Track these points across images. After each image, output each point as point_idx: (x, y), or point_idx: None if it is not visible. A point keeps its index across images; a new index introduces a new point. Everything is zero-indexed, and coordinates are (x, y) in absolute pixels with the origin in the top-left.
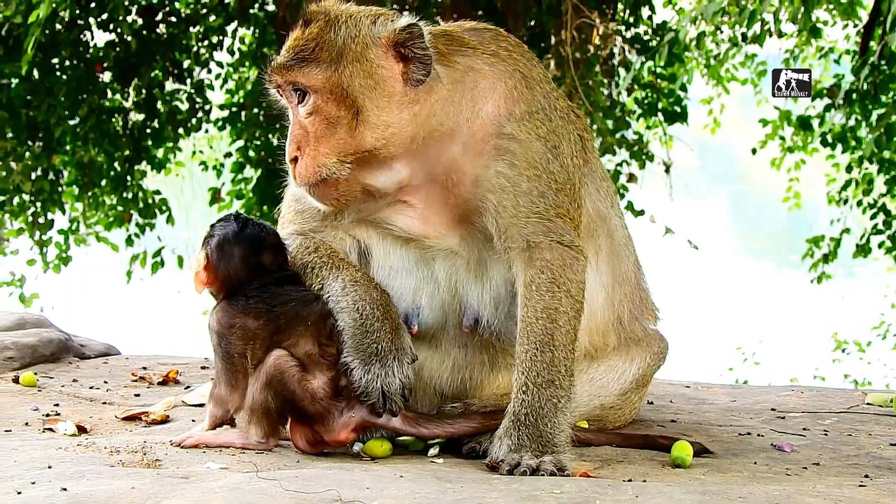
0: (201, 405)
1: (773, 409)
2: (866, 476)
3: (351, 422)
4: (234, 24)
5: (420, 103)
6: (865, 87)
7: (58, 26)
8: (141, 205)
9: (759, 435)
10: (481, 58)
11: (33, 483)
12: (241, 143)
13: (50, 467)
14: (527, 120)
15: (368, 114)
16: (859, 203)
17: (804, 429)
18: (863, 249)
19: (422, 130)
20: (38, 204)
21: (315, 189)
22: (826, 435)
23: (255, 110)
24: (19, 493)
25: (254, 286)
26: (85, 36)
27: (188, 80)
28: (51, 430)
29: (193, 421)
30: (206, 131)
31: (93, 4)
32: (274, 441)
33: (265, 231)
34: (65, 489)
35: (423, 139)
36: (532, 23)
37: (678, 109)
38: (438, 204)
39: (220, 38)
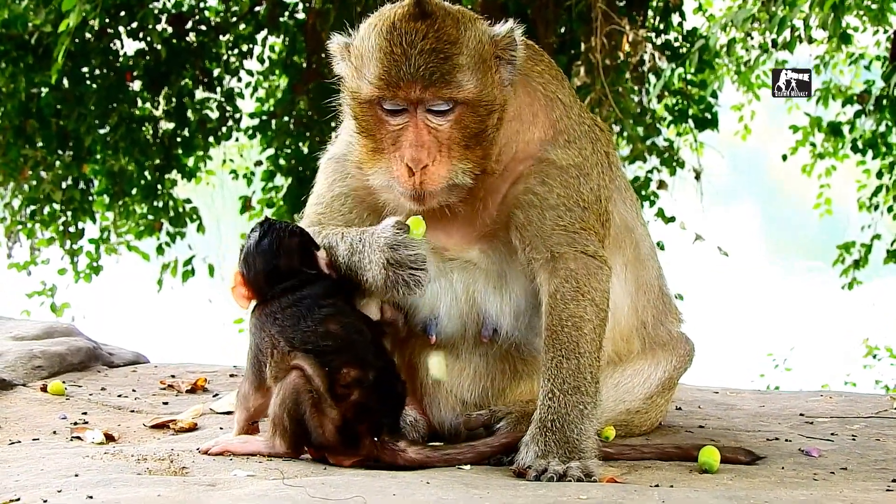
0: (229, 413)
1: (801, 415)
2: (894, 481)
3: (357, 454)
4: (263, 33)
5: (504, 120)
6: None
7: (87, 35)
8: (171, 213)
9: (786, 440)
10: (531, 75)
11: (59, 491)
12: (271, 151)
13: (76, 475)
14: (567, 148)
15: (498, 128)
16: (890, 209)
17: (832, 434)
18: (894, 255)
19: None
20: (69, 213)
21: (430, 195)
22: (854, 440)
23: (286, 118)
24: (45, 501)
25: (277, 291)
26: (115, 45)
27: (218, 89)
28: (78, 438)
29: (221, 429)
30: (237, 140)
31: (122, 13)
32: (299, 452)
33: (285, 235)
34: (90, 497)
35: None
36: (562, 30)
37: (709, 116)
38: (465, 221)
39: (250, 46)
